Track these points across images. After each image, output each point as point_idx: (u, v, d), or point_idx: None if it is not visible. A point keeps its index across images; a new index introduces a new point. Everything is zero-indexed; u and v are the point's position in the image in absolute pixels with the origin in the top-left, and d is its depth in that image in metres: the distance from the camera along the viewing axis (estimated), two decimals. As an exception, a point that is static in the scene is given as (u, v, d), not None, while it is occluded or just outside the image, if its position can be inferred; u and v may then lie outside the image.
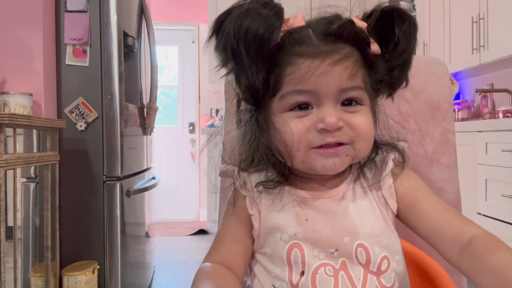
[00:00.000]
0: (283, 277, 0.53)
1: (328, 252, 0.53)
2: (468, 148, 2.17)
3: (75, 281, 1.43)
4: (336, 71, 0.48)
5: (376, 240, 0.53)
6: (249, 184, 0.57)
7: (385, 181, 0.56)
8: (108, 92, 1.59)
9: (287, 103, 0.50)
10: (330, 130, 0.48)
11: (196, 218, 3.82)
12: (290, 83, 0.49)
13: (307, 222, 0.54)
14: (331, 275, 0.52)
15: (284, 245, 0.53)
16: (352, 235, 0.53)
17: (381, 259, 0.53)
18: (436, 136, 0.78)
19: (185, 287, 2.21)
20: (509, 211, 1.88)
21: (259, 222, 0.56)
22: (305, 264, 0.52)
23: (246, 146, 0.57)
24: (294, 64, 0.48)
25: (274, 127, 0.52)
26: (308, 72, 0.48)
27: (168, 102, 4.07)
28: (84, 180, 1.57)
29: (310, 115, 0.50)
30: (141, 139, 1.98)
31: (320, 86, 0.48)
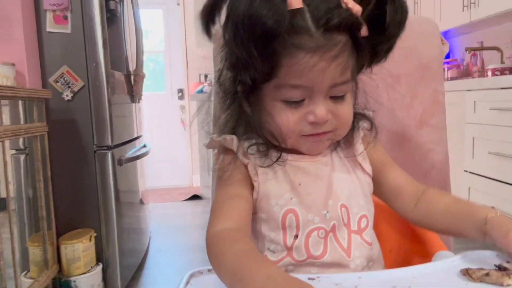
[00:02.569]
0: (278, 240, 0.56)
1: (321, 215, 0.56)
2: (456, 107, 2.19)
3: (72, 249, 1.46)
4: (331, 68, 0.49)
5: (354, 201, 0.59)
6: (247, 151, 0.58)
7: (358, 148, 0.61)
8: (93, 59, 1.54)
9: (282, 94, 0.52)
10: (319, 123, 0.52)
11: (189, 184, 3.86)
12: (287, 75, 0.50)
13: (300, 186, 0.57)
14: (322, 237, 0.56)
15: (279, 210, 0.56)
16: (334, 198, 0.57)
17: (360, 217, 0.59)
18: (426, 98, 0.78)
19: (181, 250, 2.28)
20: (495, 168, 1.93)
21: (258, 188, 0.57)
22: (299, 228, 0.56)
23: (234, 117, 0.58)
24: (293, 57, 0.48)
25: (267, 112, 0.54)
26: (306, 68, 0.48)
27: (155, 68, 3.99)
28: (75, 150, 1.56)
29: (302, 106, 0.52)
30: (130, 107, 1.96)
31: (315, 82, 0.50)
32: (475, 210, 0.52)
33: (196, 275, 0.51)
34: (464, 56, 2.97)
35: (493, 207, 0.51)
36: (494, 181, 1.93)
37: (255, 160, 0.58)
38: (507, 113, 1.83)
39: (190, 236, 2.44)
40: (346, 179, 0.60)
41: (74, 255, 1.46)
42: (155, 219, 2.68)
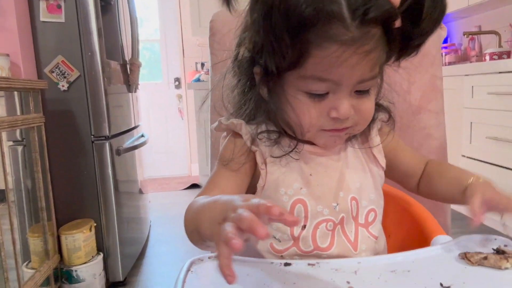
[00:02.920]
0: (284, 229, 0.56)
1: (331, 207, 0.56)
2: (454, 92, 2.18)
3: (73, 239, 1.47)
4: (363, 64, 0.46)
5: (364, 194, 0.58)
6: (256, 139, 0.57)
7: (374, 140, 0.60)
8: (88, 49, 1.53)
9: (306, 86, 0.48)
10: (341, 119, 0.50)
11: (188, 173, 3.86)
12: (315, 67, 0.46)
13: (311, 176, 0.56)
14: (330, 229, 0.56)
15: (288, 199, 0.55)
16: (345, 189, 0.56)
17: (368, 211, 0.58)
18: (424, 83, 0.78)
19: (181, 239, 2.28)
20: (492, 152, 1.93)
21: (266, 177, 0.56)
22: (307, 219, 0.55)
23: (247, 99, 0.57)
24: (325, 48, 0.44)
25: (287, 102, 0.51)
26: (337, 62, 0.45)
27: (151, 57, 3.95)
28: (72, 141, 1.56)
29: (325, 100, 0.49)
30: (127, 96, 1.95)
31: (344, 77, 0.47)
32: (463, 177, 0.55)
33: (196, 262, 0.51)
34: (462, 41, 2.95)
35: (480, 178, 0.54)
36: (491, 165, 1.94)
37: (264, 147, 0.57)
38: (505, 97, 1.82)
39: (190, 225, 2.44)
40: (358, 172, 0.59)
41: (75, 245, 1.47)
42: (154, 208, 2.69)
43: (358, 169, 0.59)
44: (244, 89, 0.57)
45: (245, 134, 0.56)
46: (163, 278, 1.77)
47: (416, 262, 0.47)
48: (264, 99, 0.55)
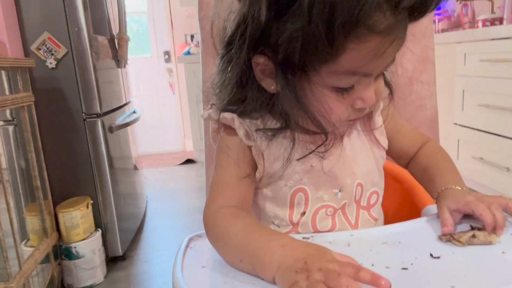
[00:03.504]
0: (283, 217, 0.56)
1: (332, 193, 0.55)
2: (447, 60, 2.18)
3: (70, 216, 1.48)
4: (393, 51, 0.44)
5: (369, 178, 0.58)
6: (251, 133, 0.54)
7: (377, 121, 0.58)
8: (74, 24, 1.49)
9: (335, 81, 0.44)
10: (366, 107, 0.48)
11: (182, 148, 3.86)
12: (350, 61, 0.42)
13: (312, 168, 0.54)
14: (330, 214, 0.56)
15: (288, 190, 0.55)
16: (352, 175, 0.56)
17: (371, 193, 0.58)
18: (416, 54, 0.77)
19: (178, 213, 2.32)
20: (484, 120, 1.95)
21: (263, 170, 0.55)
22: (307, 206, 0.55)
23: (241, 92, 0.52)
24: (364, 42, 0.40)
25: (314, 98, 0.47)
26: (377, 54, 0.42)
27: (139, 30, 3.86)
28: (64, 119, 1.54)
29: (351, 92, 0.46)
30: (116, 72, 1.92)
31: (377, 68, 0.45)
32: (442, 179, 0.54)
33: (195, 238, 0.52)
34: (455, 7, 2.91)
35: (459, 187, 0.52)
36: (483, 132, 1.97)
37: (261, 141, 0.54)
38: (497, 64, 1.82)
39: (187, 199, 2.48)
40: (363, 156, 0.58)
41: (73, 222, 1.49)
42: (150, 184, 2.71)
43: (363, 153, 0.58)
44: (237, 80, 0.51)
45: (239, 129, 0.53)
46: (162, 251, 1.81)
47: (406, 234, 0.49)
48: (267, 91, 0.50)
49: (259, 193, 0.57)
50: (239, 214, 0.49)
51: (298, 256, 0.38)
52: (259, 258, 0.40)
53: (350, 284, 0.32)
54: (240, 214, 0.49)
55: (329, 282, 0.33)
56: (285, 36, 0.42)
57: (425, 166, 0.58)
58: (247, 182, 0.54)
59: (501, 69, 1.80)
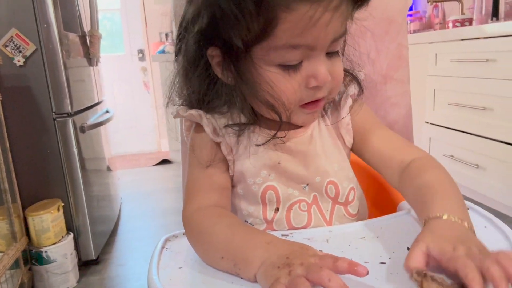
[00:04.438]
0: (257, 214, 0.55)
1: (300, 188, 0.55)
2: (418, 60, 2.23)
3: (41, 220, 1.43)
4: (335, 19, 0.42)
5: (343, 174, 0.56)
6: (219, 129, 0.53)
7: (344, 118, 0.56)
8: (44, 20, 1.44)
9: (278, 57, 0.44)
10: (321, 86, 0.46)
11: (157, 148, 3.80)
12: (285, 33, 0.41)
13: (279, 164, 0.54)
14: (304, 210, 0.55)
15: (258, 188, 0.54)
16: (322, 173, 0.54)
17: (349, 190, 0.56)
18: (390, 52, 0.79)
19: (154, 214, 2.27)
20: (454, 118, 2.01)
21: (233, 166, 0.54)
22: (280, 202, 0.54)
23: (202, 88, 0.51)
24: (293, 10, 0.40)
25: (262, 80, 0.46)
26: (309, 22, 0.40)
27: (112, 28, 3.77)
28: (33, 119, 1.49)
29: (300, 70, 0.45)
30: (88, 70, 1.86)
31: (319, 39, 0.43)
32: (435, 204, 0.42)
33: (171, 239, 0.51)
34: (426, 8, 2.99)
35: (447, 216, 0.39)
36: (453, 130, 2.03)
37: (230, 136, 0.53)
38: (466, 64, 1.88)
39: (163, 200, 2.44)
40: (335, 153, 0.56)
41: (43, 226, 1.43)
42: (125, 185, 2.65)
43: (335, 150, 0.56)
44: (197, 76, 0.51)
45: (206, 126, 0.52)
46: (137, 253, 1.77)
47: (384, 228, 0.49)
48: (227, 83, 0.49)
49: (233, 191, 0.57)
50: (223, 213, 0.48)
51: (281, 252, 0.37)
52: (243, 255, 0.40)
53: (331, 277, 0.32)
54: (223, 213, 0.48)
55: (310, 276, 0.33)
56: (215, 20, 0.42)
57: (418, 185, 0.46)
58: (223, 179, 0.54)
59: (471, 69, 1.86)
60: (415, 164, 0.49)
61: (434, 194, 0.43)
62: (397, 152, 0.53)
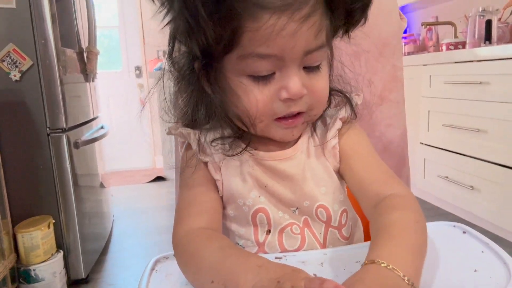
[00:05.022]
0: (248, 236, 0.53)
1: (290, 212, 0.53)
2: (413, 81, 2.25)
3: (30, 237, 1.40)
4: (303, 31, 0.41)
5: (333, 197, 0.54)
6: (208, 148, 0.52)
7: (331, 141, 0.54)
8: (41, 36, 1.44)
9: (247, 67, 0.44)
10: (294, 100, 0.45)
11: (152, 165, 3.78)
12: (252, 42, 0.41)
13: (266, 188, 0.52)
14: (297, 233, 0.53)
15: (248, 210, 0.53)
16: (311, 198, 0.53)
17: (341, 213, 0.55)
18: (385, 74, 0.79)
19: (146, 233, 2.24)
20: (449, 139, 2.02)
21: (222, 187, 0.53)
22: (271, 225, 0.53)
23: (192, 102, 0.51)
24: (257, 19, 0.40)
25: (232, 91, 0.46)
26: (273, 32, 0.40)
27: (110, 45, 3.80)
28: (27, 134, 1.47)
29: (273, 81, 0.45)
30: (84, 86, 1.86)
31: (286, 49, 0.42)
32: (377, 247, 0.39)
33: (161, 260, 0.50)
34: (420, 31, 3.05)
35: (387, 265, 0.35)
36: (448, 152, 2.03)
37: (218, 155, 0.52)
38: (460, 86, 1.91)
39: (156, 218, 2.41)
40: (323, 174, 0.54)
41: (33, 243, 1.40)
42: (118, 202, 2.62)
43: (322, 172, 0.54)
44: (186, 89, 0.50)
45: (194, 144, 0.52)
46: (128, 272, 1.74)
47: (380, 252, 0.48)
48: (209, 95, 0.49)
49: (224, 213, 0.55)
50: (214, 235, 0.47)
51: (272, 276, 0.36)
52: (233, 279, 0.38)
53: None
54: (214, 236, 0.47)
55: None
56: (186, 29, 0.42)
57: (381, 224, 0.42)
58: (213, 200, 0.53)
59: (465, 91, 1.88)
60: (388, 201, 0.46)
61: (388, 238, 0.39)
62: (376, 184, 0.50)
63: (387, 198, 0.46)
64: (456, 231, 0.51)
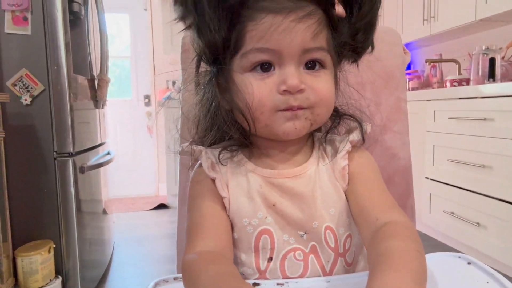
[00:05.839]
0: (249, 263, 0.52)
1: (297, 236, 0.52)
2: (418, 116, 2.27)
3: (30, 261, 1.38)
4: (299, 28, 0.46)
5: (341, 220, 0.53)
6: (217, 165, 0.53)
7: (340, 162, 0.54)
8: (54, 63, 1.49)
9: (249, 61, 0.48)
10: (292, 92, 0.47)
11: (155, 193, 3.77)
12: (252, 40, 0.47)
13: (275, 206, 0.52)
14: (300, 259, 0.52)
15: (253, 230, 0.52)
16: (319, 218, 0.52)
17: (345, 238, 0.54)
18: (389, 104, 0.80)
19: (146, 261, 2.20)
20: (454, 174, 2.01)
21: (229, 205, 0.53)
22: (273, 250, 0.52)
23: (204, 111, 0.54)
24: (256, 19, 0.46)
25: (236, 87, 0.49)
26: (270, 28, 0.45)
27: (121, 74, 3.89)
28: (33, 157, 1.49)
29: (273, 76, 0.48)
30: (93, 113, 1.90)
31: (283, 44, 0.46)
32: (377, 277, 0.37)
33: (161, 283, 0.49)
34: (424, 68, 3.10)
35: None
36: (454, 187, 2.01)
37: (225, 171, 0.53)
38: (464, 122, 1.92)
39: (156, 247, 2.37)
40: (332, 195, 0.53)
41: (32, 267, 1.39)
42: (119, 229, 2.59)
43: (331, 193, 0.53)
44: (208, 107, 0.54)
45: (204, 162, 0.53)
46: (126, 302, 1.70)
47: (383, 281, 0.47)
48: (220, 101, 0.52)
49: None
50: (217, 259, 0.45)
51: None
52: None
53: None
54: (217, 260, 0.45)
55: None
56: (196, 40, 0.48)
57: (379, 251, 0.41)
58: (222, 220, 0.52)
59: (469, 127, 1.89)
60: (387, 227, 0.45)
61: (387, 267, 0.38)
62: (377, 209, 0.49)
63: (387, 225, 0.45)
64: (461, 262, 0.50)
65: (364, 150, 0.57)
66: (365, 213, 0.50)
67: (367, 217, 0.49)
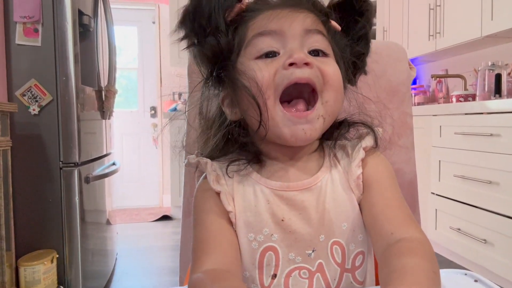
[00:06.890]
0: (252, 279, 0.51)
1: (305, 255, 0.50)
2: (423, 131, 2.26)
3: (32, 271, 1.38)
4: (299, 16, 0.49)
5: (353, 236, 0.51)
6: (223, 178, 0.52)
7: (355, 171, 0.51)
8: (63, 73, 1.51)
9: (253, 48, 0.49)
10: (299, 65, 0.46)
11: (159, 204, 3.77)
12: (254, 30, 0.49)
13: (283, 222, 0.50)
14: (305, 277, 0.50)
15: (258, 246, 0.50)
16: (327, 232, 0.50)
17: (356, 254, 0.52)
18: (394, 119, 0.80)
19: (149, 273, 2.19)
20: (460, 190, 1.99)
21: (235, 219, 0.51)
22: (278, 268, 0.50)
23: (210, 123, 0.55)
24: (257, 17, 0.50)
25: (241, 74, 0.48)
26: (270, 16, 0.49)
27: (128, 86, 3.94)
28: (39, 167, 1.50)
29: (278, 58, 0.48)
30: (100, 123, 1.91)
31: (284, 25, 0.48)
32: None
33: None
34: (430, 83, 3.10)
35: None
36: (459, 203, 1.99)
37: (232, 183, 0.51)
38: (470, 137, 1.91)
39: (159, 258, 2.36)
40: (346, 207, 0.51)
41: (34, 277, 1.38)
42: (122, 240, 2.59)
43: (345, 203, 0.51)
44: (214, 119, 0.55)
45: (209, 174, 0.51)
46: (127, 314, 1.68)
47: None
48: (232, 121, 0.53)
49: None
50: (221, 277, 0.44)
51: None
52: None
53: None
54: (222, 278, 0.44)
55: None
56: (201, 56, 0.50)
57: (393, 268, 0.40)
58: (228, 234, 0.50)
59: (475, 142, 1.88)
60: (402, 244, 0.43)
61: (398, 284, 0.37)
62: (392, 223, 0.46)
63: (402, 241, 0.43)
64: (467, 279, 0.50)
65: (379, 154, 0.55)
66: (379, 225, 0.47)
67: (381, 230, 0.47)
